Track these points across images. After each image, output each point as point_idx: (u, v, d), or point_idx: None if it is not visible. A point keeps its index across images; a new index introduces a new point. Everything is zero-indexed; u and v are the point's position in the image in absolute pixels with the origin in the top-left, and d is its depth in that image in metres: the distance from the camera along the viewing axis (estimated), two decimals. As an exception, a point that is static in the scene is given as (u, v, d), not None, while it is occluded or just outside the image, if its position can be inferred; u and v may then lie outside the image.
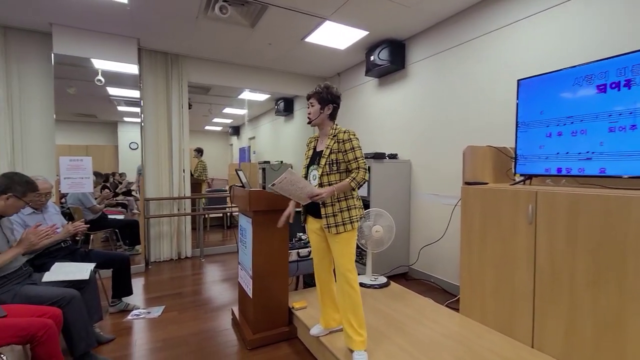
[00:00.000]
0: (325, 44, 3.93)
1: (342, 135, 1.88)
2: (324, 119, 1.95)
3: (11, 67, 3.50)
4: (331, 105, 1.94)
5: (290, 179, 1.76)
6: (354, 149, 1.86)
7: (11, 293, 1.89)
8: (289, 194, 1.84)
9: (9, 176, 2.01)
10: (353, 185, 1.83)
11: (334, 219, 1.88)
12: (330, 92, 1.94)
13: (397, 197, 3.71)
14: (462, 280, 2.41)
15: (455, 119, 3.26)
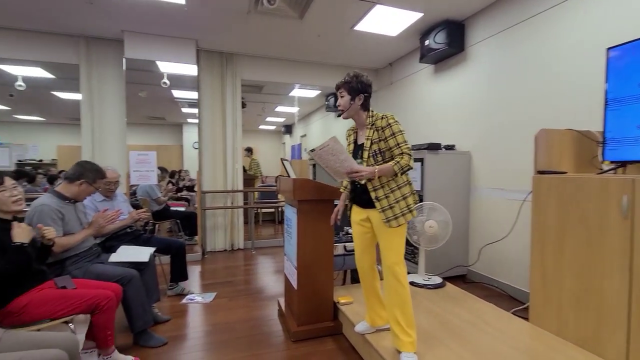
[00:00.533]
0: (376, 31, 3.76)
1: (381, 122, 1.75)
2: (356, 110, 1.81)
3: (92, 73, 3.94)
4: (362, 95, 1.78)
5: (333, 147, 1.66)
6: (394, 135, 1.71)
7: (82, 269, 2.08)
8: (327, 165, 1.73)
9: (81, 164, 2.23)
10: (396, 169, 1.67)
11: (392, 211, 1.73)
12: (360, 80, 1.78)
13: (455, 191, 3.39)
14: (532, 286, 2.08)
15: (524, 103, 2.88)
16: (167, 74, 4.24)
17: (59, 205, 2.07)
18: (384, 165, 1.70)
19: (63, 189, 2.17)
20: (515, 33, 2.96)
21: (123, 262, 2.33)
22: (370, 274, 1.98)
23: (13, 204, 1.64)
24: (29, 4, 3.13)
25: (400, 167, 1.67)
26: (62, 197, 2.14)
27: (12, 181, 1.66)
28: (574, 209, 1.83)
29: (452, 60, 3.72)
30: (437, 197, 3.25)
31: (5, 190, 1.63)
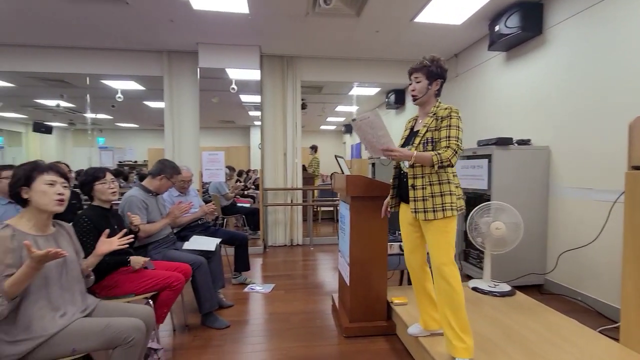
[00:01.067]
0: (439, 21, 3.56)
1: (442, 112, 1.68)
2: (430, 96, 1.75)
3: (172, 84, 4.45)
4: (439, 80, 1.74)
5: (373, 120, 1.63)
6: (450, 127, 1.63)
7: (160, 254, 2.38)
8: (364, 138, 1.72)
9: (162, 162, 2.54)
10: (435, 160, 1.57)
11: (424, 203, 1.67)
12: (439, 65, 1.73)
13: (530, 190, 3.05)
14: (624, 301, 1.77)
15: (614, 88, 2.46)
16: (235, 80, 4.59)
17: (144, 197, 2.40)
18: (423, 153, 1.62)
19: (147, 183, 2.50)
20: (601, 10, 2.55)
21: (194, 250, 2.60)
22: (420, 275, 1.90)
23: (111, 195, 1.95)
24: (125, 26, 3.67)
25: (440, 160, 1.57)
26: (146, 190, 2.47)
27: (111, 176, 1.97)
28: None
29: (528, 45, 3.35)
30: (508, 197, 2.94)
31: (105, 183, 1.94)
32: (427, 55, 1.75)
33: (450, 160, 1.58)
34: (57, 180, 1.37)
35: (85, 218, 1.85)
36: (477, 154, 3.24)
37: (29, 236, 1.30)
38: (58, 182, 1.37)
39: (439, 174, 1.68)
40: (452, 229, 1.68)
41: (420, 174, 1.69)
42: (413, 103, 1.82)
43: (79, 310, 1.40)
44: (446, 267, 1.63)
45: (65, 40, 4.05)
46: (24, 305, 1.26)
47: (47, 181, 1.33)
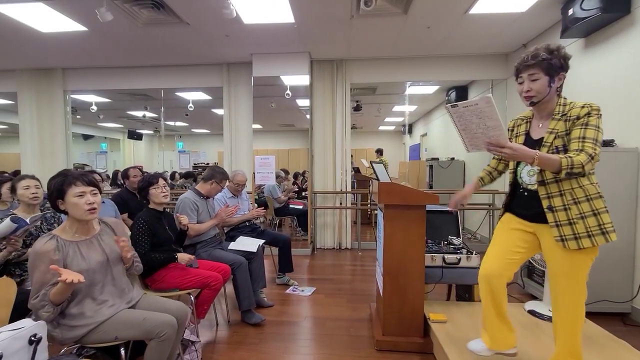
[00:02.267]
0: (498, 10, 3.22)
1: (578, 111, 1.35)
2: (553, 95, 1.43)
3: (230, 92, 4.80)
4: (563, 74, 1.42)
5: (484, 109, 1.29)
6: (586, 126, 1.32)
7: (207, 253, 2.59)
8: (465, 128, 1.38)
9: (212, 168, 2.77)
10: (564, 164, 1.26)
11: (573, 228, 1.35)
12: (562, 55, 1.40)
13: (613, 201, 2.53)
14: None
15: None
16: (289, 86, 4.76)
17: (195, 199, 2.64)
18: (549, 156, 1.30)
19: (200, 187, 2.75)
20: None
21: (237, 250, 2.77)
22: (498, 290, 1.54)
23: (162, 198, 2.19)
24: (188, 44, 4.07)
25: (570, 165, 1.25)
26: (198, 194, 2.71)
27: (163, 182, 2.22)
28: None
29: (612, 28, 2.82)
30: (580, 208, 2.53)
31: (158, 188, 2.19)
32: (542, 45, 1.42)
33: (583, 166, 1.25)
34: (86, 190, 1.50)
35: (141, 220, 2.11)
36: (542, 157, 2.84)
37: (72, 243, 1.50)
38: (87, 191, 1.50)
39: (584, 188, 1.35)
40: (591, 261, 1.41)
41: (557, 191, 1.37)
42: (529, 106, 1.49)
43: (125, 302, 1.60)
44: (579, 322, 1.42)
45: (143, 60, 4.66)
46: (76, 305, 1.47)
47: (76, 193, 1.48)
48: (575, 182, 1.36)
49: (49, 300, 1.37)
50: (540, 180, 1.41)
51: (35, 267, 1.41)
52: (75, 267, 1.46)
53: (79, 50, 4.21)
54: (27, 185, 2.17)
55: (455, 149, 6.53)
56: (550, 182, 1.39)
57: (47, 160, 5.02)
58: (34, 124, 4.99)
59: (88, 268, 1.50)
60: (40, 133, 5.01)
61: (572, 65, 3.37)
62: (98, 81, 5.01)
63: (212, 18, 3.29)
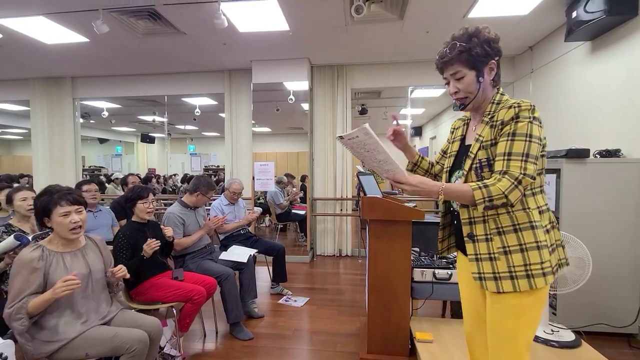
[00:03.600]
0: (498, 13, 3.10)
1: (504, 113, 1.06)
2: (485, 91, 1.13)
3: (232, 98, 4.83)
4: (493, 61, 1.12)
5: (364, 141, 1.12)
6: (513, 137, 1.02)
7: (196, 264, 2.59)
8: (364, 160, 1.23)
9: (198, 179, 2.77)
10: (477, 197, 1.00)
11: (492, 264, 1.07)
12: (484, 39, 1.10)
13: (619, 216, 2.41)
14: None
15: None
16: (292, 91, 4.74)
17: (181, 213, 2.65)
18: (458, 187, 1.05)
19: (186, 199, 2.75)
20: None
21: (229, 261, 2.77)
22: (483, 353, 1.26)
23: (146, 214, 2.21)
24: (188, 52, 4.11)
25: (486, 197, 0.99)
26: (185, 206, 2.72)
27: (152, 197, 2.23)
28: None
29: (619, 31, 2.67)
30: (584, 225, 2.40)
31: (146, 203, 2.21)
32: (458, 31, 1.14)
33: (506, 196, 0.98)
34: (71, 210, 1.54)
35: (120, 235, 2.12)
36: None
37: (57, 254, 1.54)
38: (72, 211, 1.54)
39: (512, 215, 1.06)
40: (539, 309, 1.07)
41: (481, 216, 1.09)
42: (461, 110, 1.22)
43: (99, 318, 1.62)
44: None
45: (147, 68, 4.75)
46: (52, 313, 1.50)
47: (61, 213, 1.52)
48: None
49: (25, 313, 1.40)
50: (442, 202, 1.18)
51: (17, 274, 1.45)
52: (57, 277, 1.49)
53: (84, 59, 4.33)
54: (25, 197, 2.22)
55: (462, 153, 6.36)
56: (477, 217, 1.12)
57: (57, 164, 5.20)
58: (45, 129, 5.17)
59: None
60: (51, 138, 5.18)
61: (580, 68, 3.22)
62: (105, 89, 5.14)
63: (207, 28, 3.30)
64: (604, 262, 2.38)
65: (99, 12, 2.93)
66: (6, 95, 5.39)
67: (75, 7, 2.93)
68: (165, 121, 7.63)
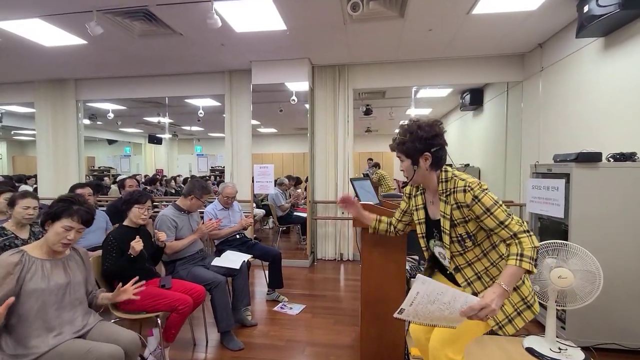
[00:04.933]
0: (504, 9, 2.95)
1: (462, 197, 1.25)
2: (424, 173, 1.34)
3: (232, 100, 4.77)
4: (428, 153, 1.30)
5: (427, 291, 1.12)
6: (489, 212, 1.22)
7: (186, 270, 2.52)
8: (430, 319, 1.20)
9: (192, 182, 2.70)
10: (527, 267, 1.14)
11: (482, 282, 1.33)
12: (418, 137, 1.29)
13: (631, 224, 2.24)
14: None
15: None
16: (295, 92, 4.65)
17: (174, 216, 2.58)
18: (508, 272, 1.15)
19: (180, 202, 2.69)
20: None
21: (221, 267, 2.69)
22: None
23: (140, 220, 2.15)
24: (187, 54, 4.06)
25: (530, 259, 1.14)
26: (179, 209, 2.66)
27: (149, 204, 2.18)
28: None
29: (635, 26, 2.49)
30: (595, 234, 2.25)
31: (142, 208, 2.15)
32: (406, 123, 1.36)
33: (534, 247, 1.16)
34: (75, 227, 1.53)
35: (110, 237, 2.07)
36: (552, 171, 2.55)
37: (37, 260, 1.49)
38: (75, 228, 1.53)
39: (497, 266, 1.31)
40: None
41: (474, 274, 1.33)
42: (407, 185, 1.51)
43: (74, 331, 1.55)
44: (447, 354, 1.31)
45: (148, 70, 4.73)
46: (23, 324, 1.44)
47: (66, 226, 1.51)
48: (487, 261, 1.31)
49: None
50: (455, 267, 1.35)
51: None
52: (33, 284, 1.45)
53: (85, 62, 4.32)
54: (28, 205, 2.20)
55: (470, 154, 6.18)
56: (464, 267, 1.34)
57: (61, 165, 5.23)
58: (49, 131, 5.21)
59: (46, 288, 1.49)
60: (55, 140, 5.22)
61: (593, 65, 3.06)
62: (107, 90, 5.15)
63: (203, 28, 3.22)
64: (618, 273, 2.22)
65: (92, 13, 2.89)
66: (12, 97, 5.46)
67: (69, 8, 2.90)
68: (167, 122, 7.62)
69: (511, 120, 4.55)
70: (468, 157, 6.15)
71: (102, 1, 2.80)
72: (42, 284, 1.48)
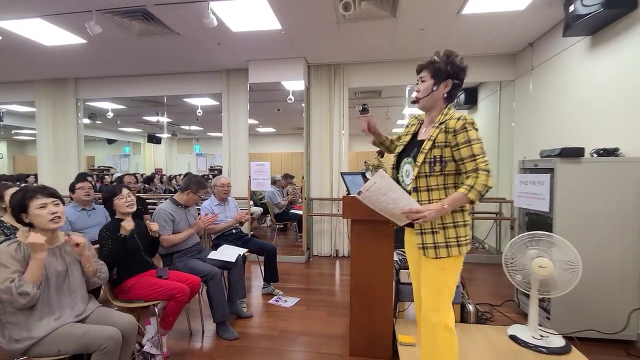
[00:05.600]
0: (493, 9, 3.02)
1: (454, 123, 1.40)
2: (437, 99, 1.48)
3: (230, 99, 4.85)
4: (450, 81, 1.46)
5: (381, 185, 1.40)
6: (470, 143, 1.37)
7: (183, 263, 2.59)
8: (379, 209, 1.46)
9: (189, 178, 2.78)
10: (472, 197, 1.32)
11: (433, 237, 1.45)
12: (451, 61, 1.45)
13: (615, 217, 2.31)
14: None
15: None
16: (292, 91, 4.72)
17: (172, 210, 2.66)
18: (454, 197, 1.36)
19: (177, 197, 2.77)
20: None
21: (218, 260, 2.76)
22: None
23: (127, 208, 2.21)
24: (185, 53, 4.13)
25: (478, 193, 1.32)
26: (176, 203, 2.73)
27: (127, 191, 2.24)
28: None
29: (619, 25, 2.57)
30: (577, 224, 2.33)
31: (122, 198, 2.21)
32: (443, 50, 1.48)
33: (486, 185, 1.33)
34: (47, 202, 1.58)
35: (104, 230, 2.14)
36: (538, 167, 2.63)
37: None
38: (48, 202, 1.58)
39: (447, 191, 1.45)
40: (457, 269, 1.48)
41: (427, 199, 1.45)
42: (415, 106, 1.58)
43: (73, 315, 1.62)
44: (436, 313, 1.43)
45: (146, 69, 4.81)
46: (28, 310, 1.51)
47: (38, 205, 1.56)
48: (443, 194, 1.44)
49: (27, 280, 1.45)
50: (414, 187, 1.46)
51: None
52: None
53: (85, 61, 4.40)
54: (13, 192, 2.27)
55: (465, 153, 6.24)
56: (422, 189, 1.45)
57: (61, 164, 5.30)
58: (49, 130, 5.28)
59: (45, 273, 1.56)
60: (55, 139, 5.29)
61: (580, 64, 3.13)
62: (106, 89, 5.22)
63: (200, 27, 3.29)
64: (602, 264, 2.30)
65: (92, 13, 2.97)
66: (12, 96, 5.53)
67: (69, 9, 2.97)
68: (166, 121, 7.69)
69: (504, 118, 4.63)
70: (463, 155, 6.23)
71: (101, 1, 2.88)
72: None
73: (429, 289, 1.46)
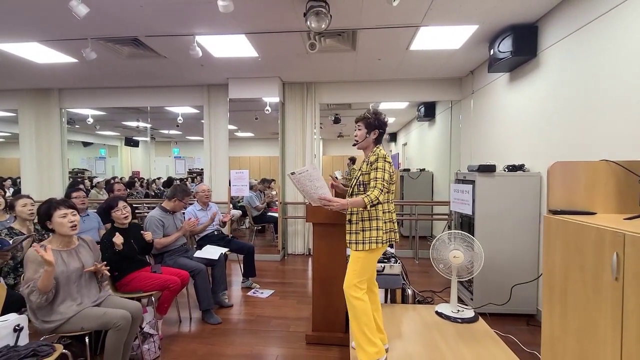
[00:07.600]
0: (435, 47, 3.66)
1: (372, 158, 2.00)
2: (369, 142, 2.09)
3: (210, 110, 5.27)
4: (377, 130, 2.07)
5: (312, 173, 1.93)
6: (377, 170, 1.96)
7: (172, 260, 3.04)
8: (303, 190, 2.02)
9: (175, 187, 3.23)
10: (366, 201, 1.88)
11: (355, 236, 2.03)
12: (377, 118, 2.07)
13: (520, 218, 2.99)
14: (543, 340, 1.82)
15: (603, 121, 2.36)
16: (269, 103, 5.18)
17: (161, 216, 3.09)
18: (355, 198, 1.95)
19: (165, 204, 3.20)
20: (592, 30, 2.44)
21: (201, 258, 3.22)
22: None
23: (124, 219, 2.64)
24: (170, 71, 4.53)
25: (370, 200, 1.88)
26: (164, 210, 3.17)
27: (123, 203, 2.66)
28: (575, 259, 1.56)
29: (525, 67, 3.26)
30: (493, 224, 2.99)
31: (119, 210, 2.64)
32: (371, 108, 2.13)
33: (378, 198, 1.88)
34: (67, 212, 2.00)
35: (104, 239, 2.57)
36: (466, 178, 3.28)
37: (56, 252, 1.96)
38: (68, 212, 2.01)
39: (369, 211, 2.00)
40: (368, 260, 2.01)
41: (356, 210, 2.04)
42: (355, 147, 2.16)
43: (92, 301, 2.06)
44: (349, 289, 1.99)
45: (131, 82, 5.14)
46: (56, 299, 1.93)
47: (60, 215, 1.98)
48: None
49: (37, 287, 1.82)
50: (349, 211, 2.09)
51: (28, 267, 1.89)
52: (58, 269, 1.92)
53: (71, 75, 4.69)
54: (25, 203, 2.65)
55: (426, 160, 6.96)
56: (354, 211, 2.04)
57: (45, 169, 5.52)
58: (33, 137, 5.49)
59: (66, 270, 1.98)
60: (38, 145, 5.50)
61: (502, 94, 3.83)
62: (91, 100, 5.50)
63: (185, 53, 3.74)
64: (510, 255, 2.97)
65: (87, 41, 3.34)
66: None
67: (67, 35, 3.33)
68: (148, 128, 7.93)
69: (454, 132, 5.33)
70: (425, 163, 6.93)
71: (97, 31, 3.26)
72: (63, 267, 1.96)
73: (348, 271, 2.04)
